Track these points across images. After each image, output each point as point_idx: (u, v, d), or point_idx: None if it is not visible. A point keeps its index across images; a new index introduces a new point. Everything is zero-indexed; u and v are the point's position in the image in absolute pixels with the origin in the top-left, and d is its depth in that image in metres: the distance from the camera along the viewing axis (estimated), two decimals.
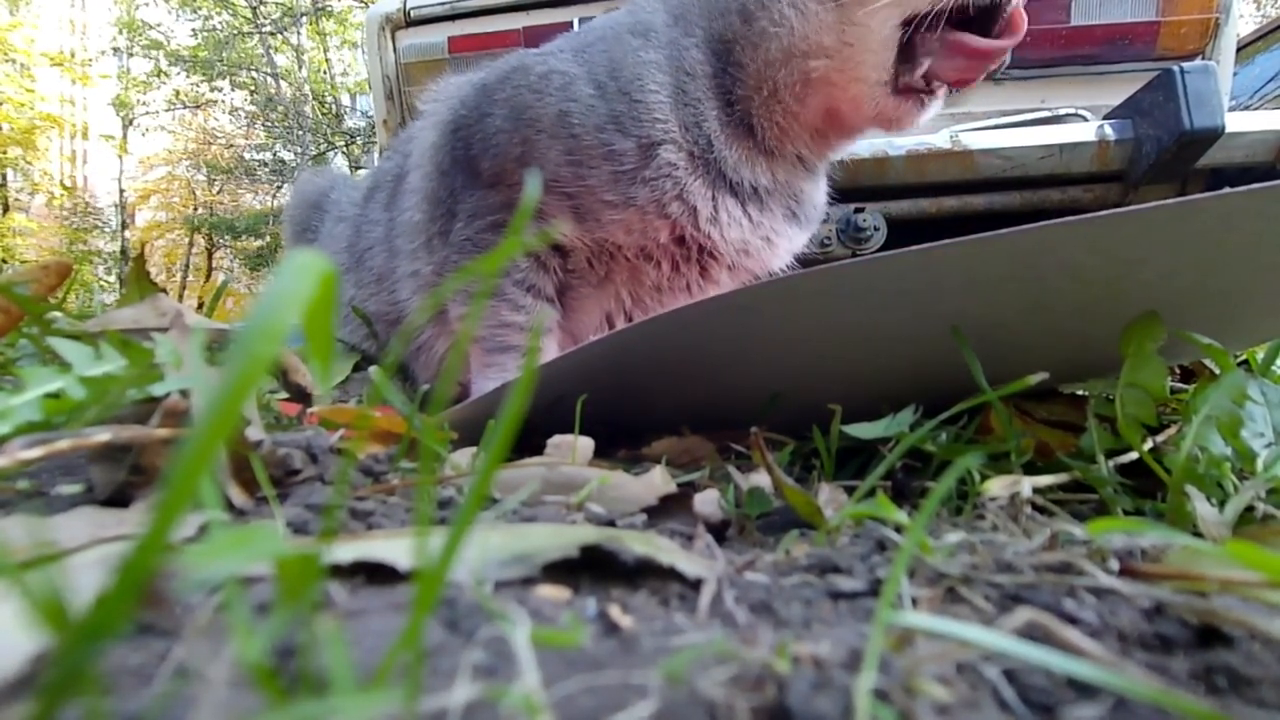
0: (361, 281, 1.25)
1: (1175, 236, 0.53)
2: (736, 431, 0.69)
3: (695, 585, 0.37)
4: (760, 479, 0.55)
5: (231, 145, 18.07)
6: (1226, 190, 0.49)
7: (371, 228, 1.26)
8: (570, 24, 1.95)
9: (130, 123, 18.31)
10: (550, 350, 1.02)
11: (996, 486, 0.51)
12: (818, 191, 1.04)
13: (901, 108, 0.88)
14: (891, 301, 0.59)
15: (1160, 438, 0.61)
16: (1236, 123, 1.58)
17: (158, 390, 0.49)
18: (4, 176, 15.76)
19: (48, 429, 0.46)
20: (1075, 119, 1.81)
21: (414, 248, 1.13)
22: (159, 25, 17.06)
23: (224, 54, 15.85)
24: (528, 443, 0.62)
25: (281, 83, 16.14)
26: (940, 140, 1.68)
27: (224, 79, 16.47)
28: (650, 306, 1.03)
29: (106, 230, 18.26)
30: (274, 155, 16.61)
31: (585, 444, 0.62)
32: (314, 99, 15.90)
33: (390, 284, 1.19)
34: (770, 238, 0.99)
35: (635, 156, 0.90)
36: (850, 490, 0.56)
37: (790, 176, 0.98)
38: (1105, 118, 1.73)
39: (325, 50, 16.52)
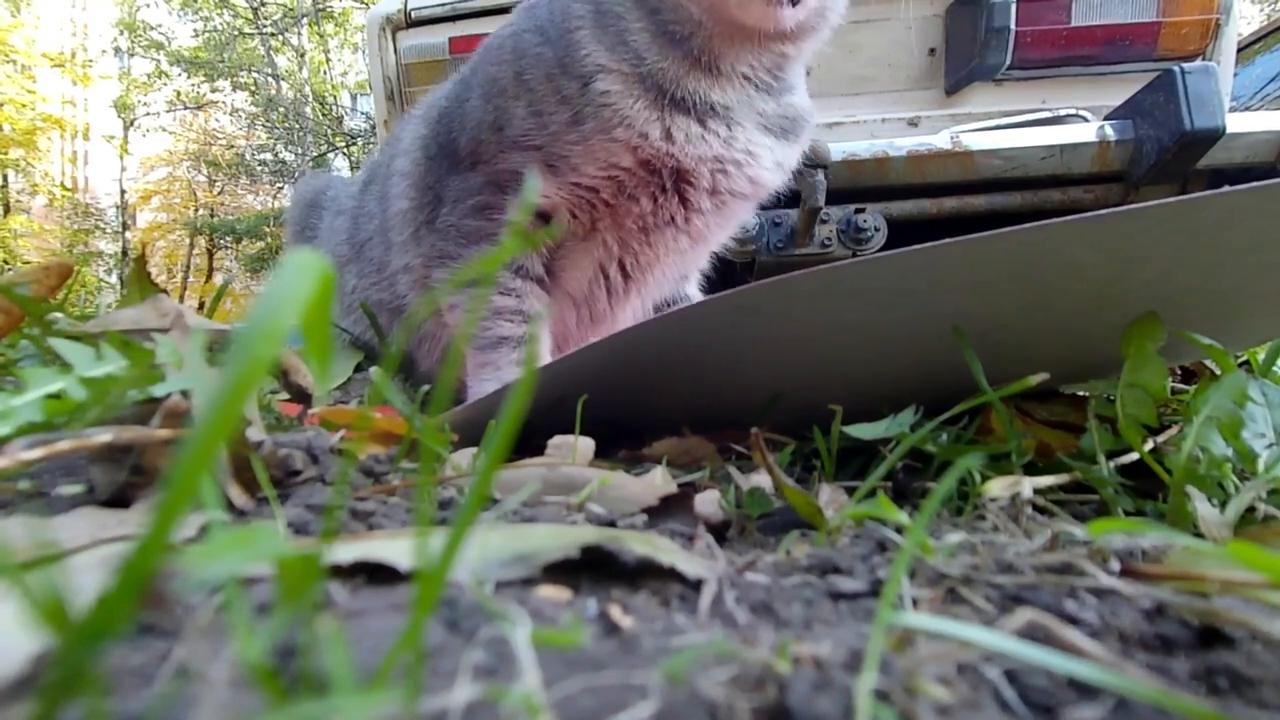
0: (363, 272, 1.26)
1: (1175, 235, 0.53)
2: (737, 432, 0.69)
3: (696, 586, 0.37)
4: (761, 479, 0.55)
5: (232, 146, 18.08)
6: (1226, 189, 0.49)
7: (369, 219, 1.27)
8: None
9: (131, 124, 18.33)
10: (541, 340, 1.02)
11: (997, 487, 0.51)
12: (790, 107, 1.01)
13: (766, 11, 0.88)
14: (892, 301, 0.59)
15: (1161, 438, 0.61)
16: (1237, 123, 1.58)
17: (158, 391, 0.49)
18: (5, 178, 15.76)
19: (49, 430, 0.46)
20: (1076, 119, 1.81)
21: (403, 240, 1.14)
22: (160, 26, 17.08)
23: (225, 55, 15.87)
24: (528, 443, 0.62)
25: (282, 84, 16.15)
26: (941, 141, 1.68)
27: (225, 80, 16.48)
28: (639, 250, 1.03)
29: (108, 231, 18.26)
30: (275, 156, 16.62)
31: (586, 444, 0.62)
32: (315, 100, 15.91)
33: (389, 274, 1.20)
34: (752, 150, 0.97)
35: (578, 95, 0.92)
36: (851, 491, 0.56)
37: (745, 95, 0.96)
38: (1106, 118, 1.73)
39: (326, 51, 16.54)
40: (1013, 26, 1.90)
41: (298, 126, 15.33)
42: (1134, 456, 0.57)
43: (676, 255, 1.06)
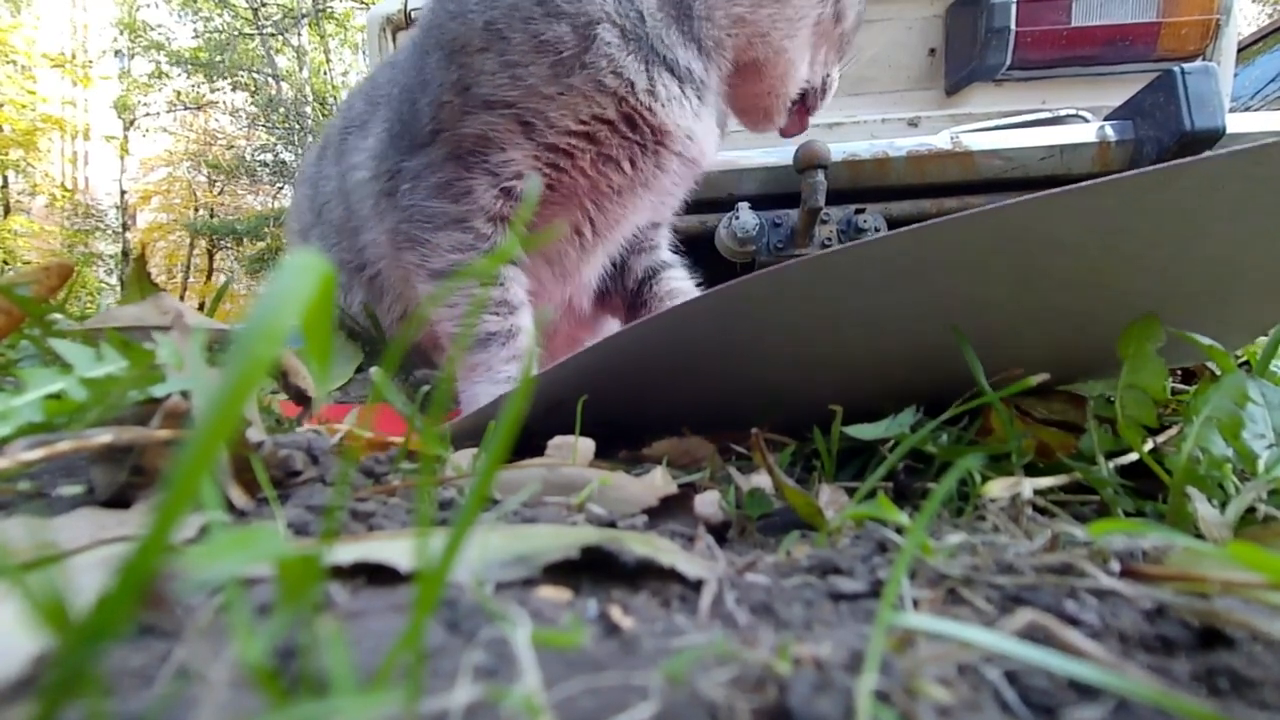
0: (324, 234, 1.24)
1: (1157, 204, 0.53)
2: (737, 432, 0.69)
3: (696, 586, 0.37)
4: (761, 480, 0.55)
5: (232, 146, 18.10)
6: (1206, 154, 0.49)
7: (326, 182, 1.25)
8: None
9: (131, 124, 18.34)
10: (524, 317, 1.01)
11: (997, 487, 0.51)
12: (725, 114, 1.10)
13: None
14: (884, 284, 0.59)
15: (1161, 439, 0.61)
16: (1237, 124, 1.58)
17: (159, 392, 0.49)
18: (5, 178, 15.76)
19: (49, 430, 0.46)
20: (1076, 120, 1.80)
21: (366, 214, 1.13)
22: (160, 26, 17.10)
23: (225, 55, 15.88)
24: (528, 444, 0.62)
25: (282, 84, 16.16)
26: (941, 141, 1.68)
27: (225, 80, 16.50)
28: (611, 209, 1.04)
29: (108, 232, 18.25)
30: (275, 156, 16.64)
31: (586, 445, 0.62)
32: (315, 100, 15.91)
33: (349, 235, 1.19)
34: (709, 133, 1.01)
35: (572, 40, 0.90)
36: (851, 491, 0.56)
37: (719, 87, 1.01)
38: (1106, 119, 1.73)
39: (326, 51, 16.55)
40: (1013, 27, 1.90)
41: (298, 126, 15.33)
42: (1134, 457, 0.57)
43: (643, 212, 1.11)
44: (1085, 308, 0.62)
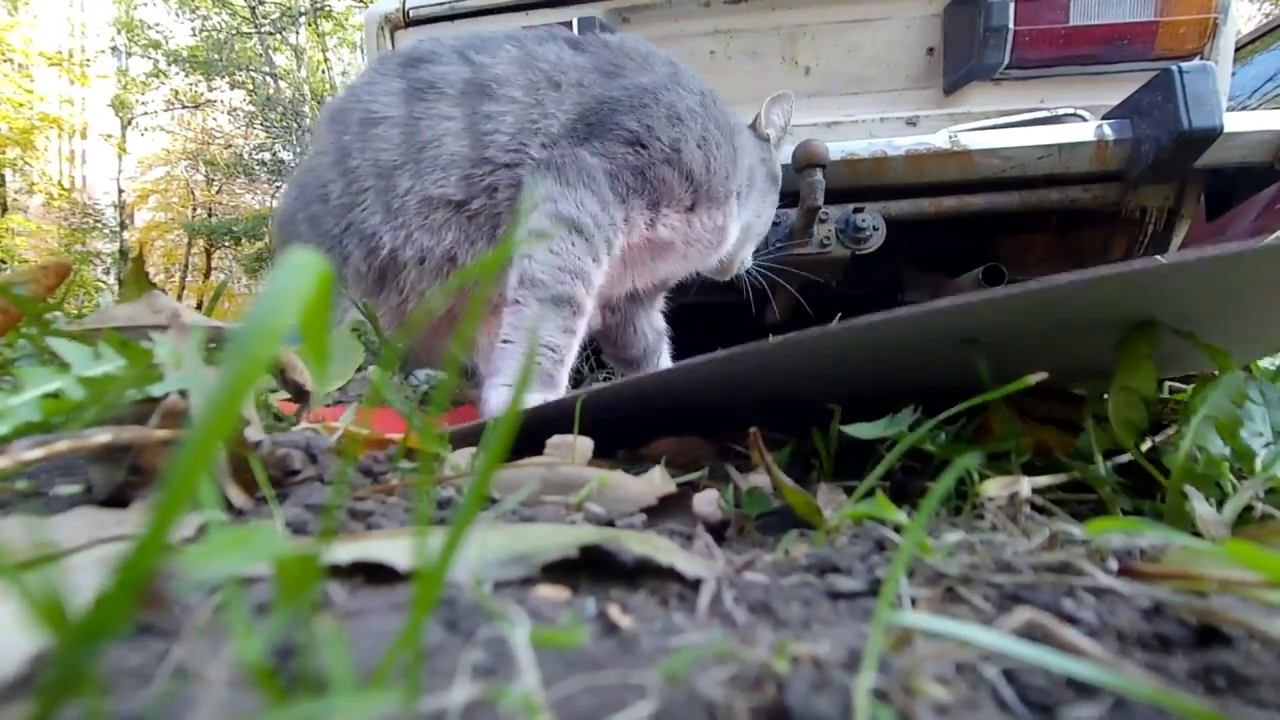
0: (418, 172, 1.24)
1: (1191, 287, 0.52)
2: (736, 431, 0.69)
3: (694, 585, 0.37)
4: (759, 479, 0.55)
5: (230, 145, 18.07)
6: (1238, 246, 0.47)
7: (436, 121, 1.26)
8: (570, 24, 1.94)
9: (129, 123, 18.30)
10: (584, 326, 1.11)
11: (995, 486, 0.51)
12: None
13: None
14: (898, 353, 0.60)
15: (1159, 438, 0.61)
16: (1235, 123, 1.58)
17: (157, 391, 0.49)
18: (2, 177, 15.71)
19: (47, 430, 0.46)
20: (1074, 119, 1.80)
21: (520, 130, 1.21)
22: (157, 25, 17.07)
23: (223, 54, 15.86)
24: (526, 444, 0.62)
25: (280, 82, 16.15)
26: (939, 140, 1.68)
27: (223, 78, 16.47)
28: (669, 262, 1.33)
29: (105, 231, 18.21)
30: (273, 155, 16.60)
31: (584, 444, 0.62)
32: (313, 99, 15.89)
33: (461, 167, 1.22)
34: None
35: (743, 178, 1.30)
36: (849, 490, 0.56)
37: None
38: (1104, 117, 1.73)
39: (324, 50, 16.53)
40: (1011, 25, 1.90)
41: (296, 125, 15.31)
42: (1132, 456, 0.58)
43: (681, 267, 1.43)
44: (1100, 339, 0.63)
